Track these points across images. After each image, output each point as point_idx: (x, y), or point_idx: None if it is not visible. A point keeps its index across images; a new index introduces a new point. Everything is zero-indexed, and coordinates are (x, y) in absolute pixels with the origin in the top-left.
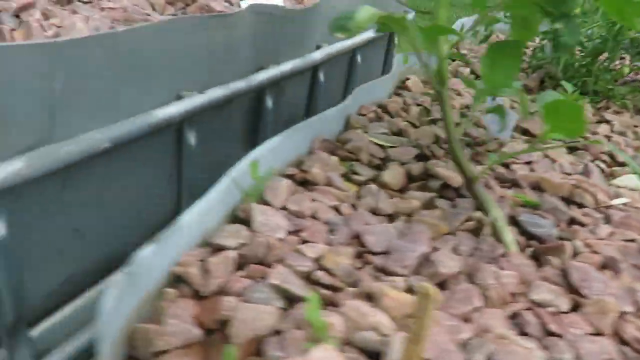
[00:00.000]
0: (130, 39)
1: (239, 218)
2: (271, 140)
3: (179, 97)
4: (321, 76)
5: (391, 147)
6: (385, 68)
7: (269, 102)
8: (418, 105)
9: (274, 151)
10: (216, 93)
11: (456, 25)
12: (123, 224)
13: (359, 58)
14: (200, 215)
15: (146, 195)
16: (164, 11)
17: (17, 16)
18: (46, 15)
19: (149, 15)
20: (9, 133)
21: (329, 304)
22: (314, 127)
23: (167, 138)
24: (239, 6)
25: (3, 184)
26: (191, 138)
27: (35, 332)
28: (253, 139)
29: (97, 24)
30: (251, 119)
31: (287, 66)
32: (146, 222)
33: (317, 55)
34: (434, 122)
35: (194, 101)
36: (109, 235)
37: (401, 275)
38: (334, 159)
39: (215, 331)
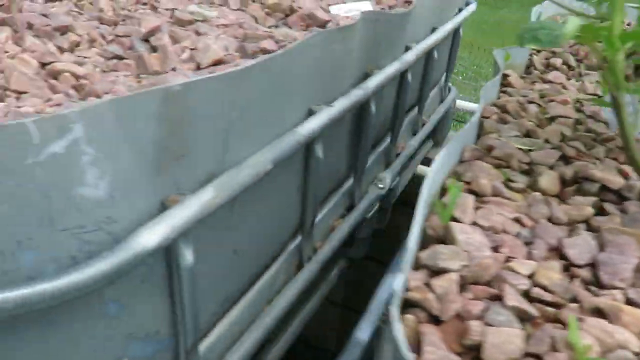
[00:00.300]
0: (284, 60)
1: (430, 236)
2: (441, 153)
3: (310, 111)
4: (409, 76)
5: (529, 149)
6: (450, 63)
7: (373, 107)
8: (530, 102)
9: (440, 164)
10: (342, 104)
11: (534, 13)
12: (265, 238)
13: (435, 54)
14: (414, 237)
15: (282, 208)
16: (265, 22)
17: (146, 40)
18: (174, 39)
19: (257, 29)
20: (193, 163)
21: (554, 321)
22: (464, 136)
23: (300, 151)
24: (329, 11)
25: (197, 214)
26: (319, 150)
27: (200, 349)
28: (355, 144)
29: (225, 43)
30: (355, 121)
31: (390, 69)
32: (280, 235)
33: (410, 56)
34: (552, 119)
35: (328, 113)
36: (254, 252)
37: (618, 289)
38: (488, 167)
39: (462, 355)
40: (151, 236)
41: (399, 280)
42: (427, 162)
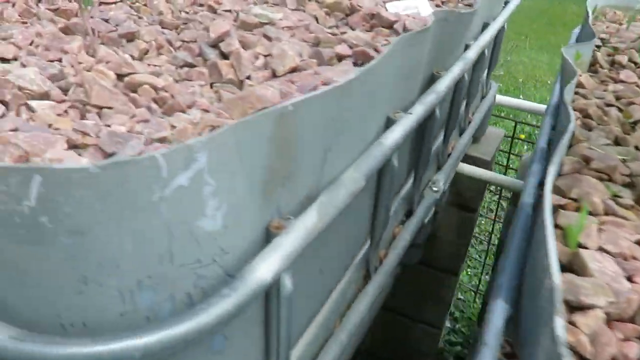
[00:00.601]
0: (377, 69)
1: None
2: (550, 170)
3: (389, 120)
4: (466, 75)
5: (624, 159)
6: (493, 58)
7: (438, 110)
8: (608, 105)
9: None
10: (420, 110)
11: (589, 4)
12: (344, 253)
13: (486, 52)
14: (556, 272)
15: (357, 220)
16: (325, 23)
17: (214, 46)
18: (244, 44)
19: (324, 31)
20: (296, 184)
21: None
22: (564, 146)
23: None
24: (386, 9)
25: (304, 241)
26: (395, 159)
27: None
28: (416, 147)
29: (298, 48)
30: (417, 125)
31: (456, 70)
32: (353, 247)
33: (472, 54)
34: (635, 123)
35: (409, 122)
36: (335, 268)
37: None
38: (595, 182)
39: None
40: (266, 269)
41: (560, 326)
42: (465, 159)
